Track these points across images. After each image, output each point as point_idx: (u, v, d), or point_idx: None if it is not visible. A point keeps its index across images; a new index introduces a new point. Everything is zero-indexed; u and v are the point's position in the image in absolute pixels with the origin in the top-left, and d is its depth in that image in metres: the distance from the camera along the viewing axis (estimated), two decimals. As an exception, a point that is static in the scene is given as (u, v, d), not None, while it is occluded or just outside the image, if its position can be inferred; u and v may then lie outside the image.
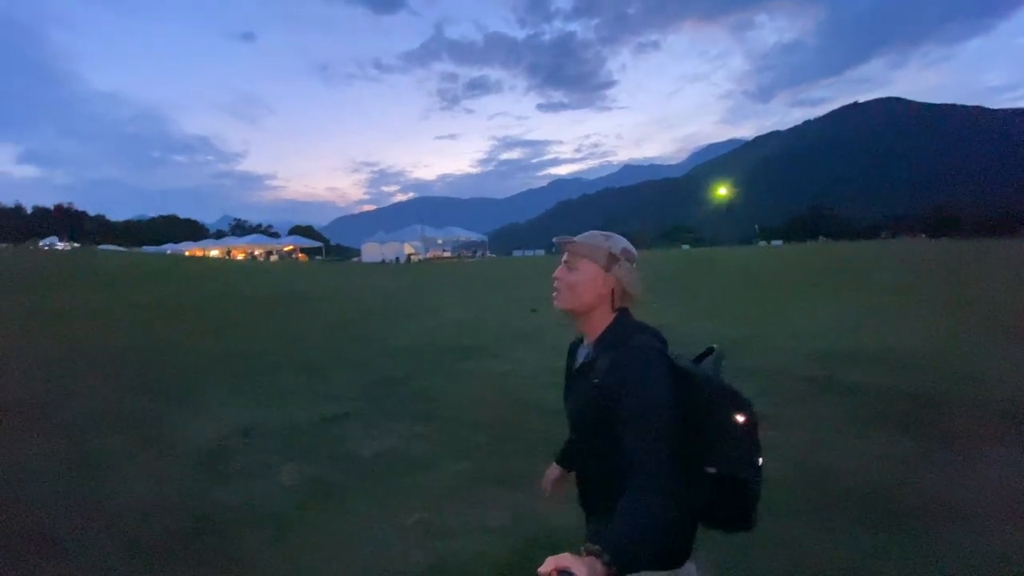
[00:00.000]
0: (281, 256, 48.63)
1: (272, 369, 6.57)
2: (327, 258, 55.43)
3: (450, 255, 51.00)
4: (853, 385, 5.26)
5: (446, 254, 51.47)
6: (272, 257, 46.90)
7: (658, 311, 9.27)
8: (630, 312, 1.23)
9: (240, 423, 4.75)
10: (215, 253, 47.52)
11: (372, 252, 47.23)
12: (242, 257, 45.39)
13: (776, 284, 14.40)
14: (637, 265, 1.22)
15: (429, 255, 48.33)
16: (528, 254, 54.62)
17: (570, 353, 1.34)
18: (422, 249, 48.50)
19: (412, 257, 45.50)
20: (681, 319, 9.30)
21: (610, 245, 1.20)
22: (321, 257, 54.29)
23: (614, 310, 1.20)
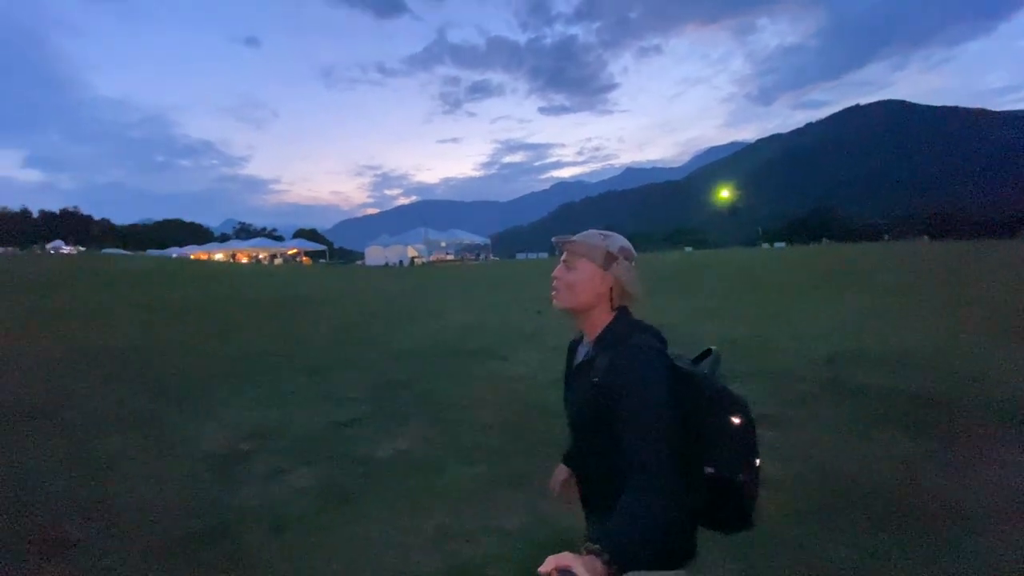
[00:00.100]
0: (285, 259, 48.79)
1: (278, 372, 6.64)
2: (331, 261, 55.58)
3: (453, 258, 51.05)
4: (857, 386, 5.29)
5: (449, 257, 51.52)
6: (276, 260, 47.06)
7: (659, 311, 9.31)
8: (629, 311, 1.23)
9: (248, 426, 4.81)
10: (219, 257, 47.69)
11: (375, 255, 47.33)
12: (246, 261, 45.54)
13: (780, 286, 14.41)
14: (635, 264, 1.22)
15: (432, 258, 48.39)
16: (531, 256, 54.60)
17: (570, 352, 1.35)
18: (425, 252, 48.58)
19: (415, 260, 45.58)
20: (684, 320, 9.34)
21: (608, 244, 1.21)
22: (325, 260, 54.43)
23: (613, 309, 1.21)
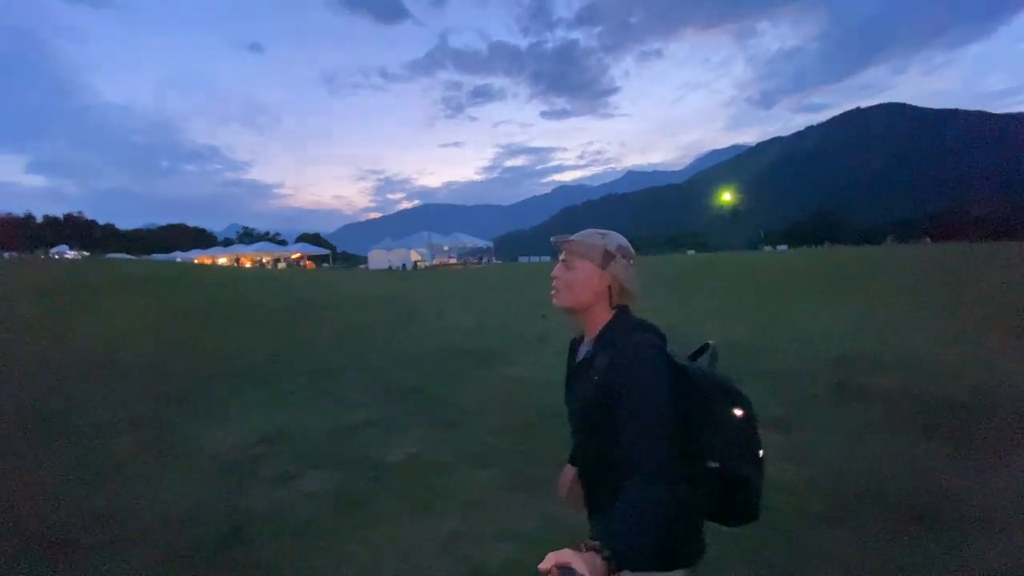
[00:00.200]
0: (288, 264, 48.92)
1: (283, 375, 6.64)
2: (334, 265, 55.70)
3: (456, 262, 51.13)
4: (870, 389, 5.27)
5: (452, 261, 51.60)
6: (280, 265, 47.20)
7: (660, 312, 9.29)
8: (629, 309, 1.24)
9: (255, 430, 4.80)
10: (223, 261, 47.84)
11: (379, 259, 47.45)
12: (249, 265, 45.69)
13: (784, 288, 14.38)
14: (634, 262, 1.23)
15: (435, 262, 48.48)
16: (533, 260, 54.64)
17: (571, 351, 1.35)
18: (428, 256, 48.67)
19: (418, 264, 45.67)
20: (684, 321, 9.33)
21: (606, 243, 1.21)
22: (328, 264, 54.55)
23: (612, 307, 1.21)
